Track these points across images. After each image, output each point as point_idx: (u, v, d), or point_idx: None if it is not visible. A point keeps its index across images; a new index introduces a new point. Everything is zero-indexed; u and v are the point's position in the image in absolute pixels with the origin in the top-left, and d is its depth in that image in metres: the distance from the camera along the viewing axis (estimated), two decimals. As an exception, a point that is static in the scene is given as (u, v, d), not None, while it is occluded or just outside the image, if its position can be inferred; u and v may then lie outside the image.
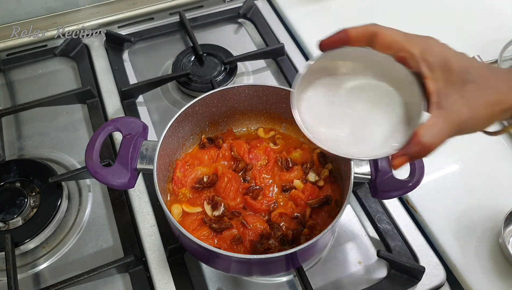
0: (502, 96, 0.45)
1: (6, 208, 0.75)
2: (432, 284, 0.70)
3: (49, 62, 1.02)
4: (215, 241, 0.66)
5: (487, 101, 0.45)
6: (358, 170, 0.63)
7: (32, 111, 0.90)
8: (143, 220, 0.75)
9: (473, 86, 0.44)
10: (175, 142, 0.72)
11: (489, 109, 0.45)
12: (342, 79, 0.52)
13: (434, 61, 0.45)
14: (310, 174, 0.73)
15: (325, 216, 0.69)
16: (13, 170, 0.79)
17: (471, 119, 0.45)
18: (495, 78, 0.45)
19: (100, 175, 0.61)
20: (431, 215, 0.77)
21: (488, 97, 0.44)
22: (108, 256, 0.73)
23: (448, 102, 0.44)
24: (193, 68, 0.98)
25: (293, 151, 0.76)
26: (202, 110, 0.73)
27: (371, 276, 0.72)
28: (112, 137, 0.87)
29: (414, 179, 0.62)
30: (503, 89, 0.45)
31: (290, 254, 0.56)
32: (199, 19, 1.10)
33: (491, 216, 0.76)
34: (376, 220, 0.76)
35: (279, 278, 0.72)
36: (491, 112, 0.45)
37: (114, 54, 1.02)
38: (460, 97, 0.44)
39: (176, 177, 0.72)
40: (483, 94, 0.44)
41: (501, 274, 0.71)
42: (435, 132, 0.44)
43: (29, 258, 0.74)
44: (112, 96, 0.93)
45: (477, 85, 0.44)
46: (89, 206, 0.79)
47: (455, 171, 0.83)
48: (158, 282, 0.69)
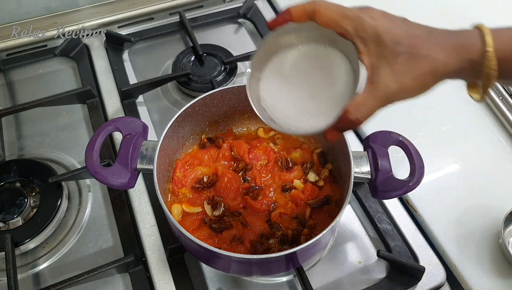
0: (436, 64, 0.45)
1: (6, 208, 0.75)
2: (432, 284, 0.70)
3: (49, 62, 1.02)
4: (215, 241, 0.66)
5: (418, 72, 0.45)
6: (358, 170, 0.63)
7: (32, 111, 0.89)
8: (143, 220, 0.75)
9: (404, 58, 0.44)
10: (175, 142, 0.72)
11: (420, 80, 0.45)
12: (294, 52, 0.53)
13: (367, 36, 0.45)
14: (310, 174, 0.73)
15: (325, 216, 0.69)
16: (13, 170, 0.79)
17: (399, 92, 0.45)
18: (430, 45, 0.45)
19: (100, 175, 0.61)
20: (431, 215, 0.77)
21: (419, 69, 0.45)
22: (108, 256, 0.73)
23: (378, 77, 0.45)
24: (193, 68, 0.98)
25: (293, 151, 0.76)
26: (202, 110, 0.73)
27: (371, 276, 0.72)
28: (112, 137, 0.87)
29: (414, 179, 0.62)
30: (438, 56, 0.44)
31: (290, 254, 0.56)
32: (199, 19, 1.10)
33: (491, 216, 0.76)
34: (376, 220, 0.76)
35: (279, 278, 0.72)
36: (422, 83, 0.46)
37: (114, 54, 1.02)
38: (390, 70, 0.45)
39: (176, 177, 0.72)
40: (414, 65, 0.45)
41: (501, 274, 0.71)
42: (363, 110, 0.46)
43: (29, 258, 0.74)
44: (112, 96, 0.93)
45: (408, 56, 0.44)
46: (89, 206, 0.79)
47: (455, 171, 0.83)
48: (158, 282, 0.69)
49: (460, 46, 0.45)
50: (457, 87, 0.96)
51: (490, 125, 0.90)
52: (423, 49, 0.44)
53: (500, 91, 0.91)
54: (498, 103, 0.90)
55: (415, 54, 0.44)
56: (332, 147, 0.73)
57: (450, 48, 0.45)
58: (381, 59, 0.45)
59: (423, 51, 0.44)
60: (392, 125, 0.69)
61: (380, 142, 0.65)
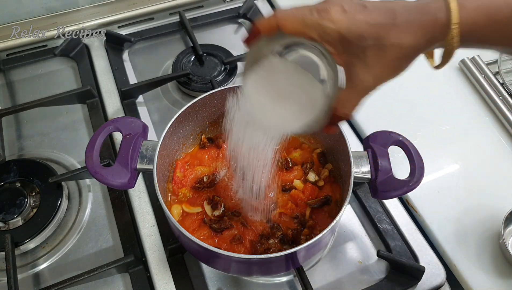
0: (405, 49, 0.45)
1: (6, 208, 0.75)
2: (432, 284, 0.70)
3: (49, 62, 1.02)
4: (215, 241, 0.66)
5: (389, 61, 0.45)
6: (358, 170, 0.63)
7: (32, 111, 0.89)
8: (143, 220, 0.75)
9: (372, 50, 0.45)
10: (175, 142, 0.72)
11: (392, 66, 0.46)
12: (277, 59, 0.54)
13: (332, 39, 0.45)
14: (310, 174, 0.73)
15: (325, 216, 0.69)
16: (13, 170, 0.79)
17: (376, 81, 0.47)
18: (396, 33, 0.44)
19: (100, 175, 0.61)
20: (431, 215, 0.77)
21: (389, 58, 0.45)
22: (108, 256, 0.73)
23: (353, 73, 0.47)
24: (193, 68, 0.98)
25: (293, 151, 0.76)
26: (202, 110, 0.73)
27: (371, 276, 0.72)
28: (112, 137, 0.87)
29: (414, 179, 0.62)
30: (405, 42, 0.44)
31: (290, 254, 0.56)
32: (199, 19, 1.10)
33: (491, 216, 0.76)
34: (376, 220, 0.76)
35: (279, 278, 0.72)
36: (395, 68, 0.46)
37: (114, 54, 1.02)
38: (363, 65, 0.46)
39: (176, 177, 0.72)
40: (383, 55, 0.45)
41: (501, 274, 0.71)
42: (347, 105, 0.49)
43: (29, 258, 0.74)
44: (112, 96, 0.93)
45: (376, 48, 0.45)
46: (89, 206, 0.79)
47: (455, 171, 0.83)
48: (158, 282, 0.69)
49: (426, 24, 0.44)
50: (457, 87, 0.96)
51: (490, 125, 0.90)
52: (389, 38, 0.44)
53: (500, 91, 0.91)
54: (498, 103, 0.90)
55: (382, 45, 0.44)
56: (332, 147, 0.73)
57: (416, 29, 0.44)
58: (352, 56, 0.46)
59: (389, 40, 0.44)
60: (392, 125, 0.69)
61: (380, 142, 0.65)
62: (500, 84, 0.92)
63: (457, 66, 0.99)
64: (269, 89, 0.55)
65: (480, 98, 0.94)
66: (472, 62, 0.97)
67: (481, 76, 0.94)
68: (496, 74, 0.94)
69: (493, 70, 0.95)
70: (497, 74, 0.94)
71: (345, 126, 0.88)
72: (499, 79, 0.93)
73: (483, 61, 0.96)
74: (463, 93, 0.95)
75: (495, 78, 0.93)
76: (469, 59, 0.97)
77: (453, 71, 0.98)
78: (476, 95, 0.94)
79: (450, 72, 0.98)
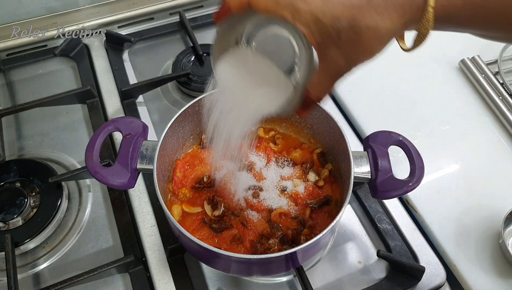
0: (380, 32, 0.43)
1: (6, 208, 0.75)
2: (432, 284, 0.70)
3: (49, 62, 1.02)
4: (215, 241, 0.66)
5: (363, 44, 0.44)
6: (358, 170, 0.63)
7: (32, 111, 0.90)
8: (143, 220, 0.75)
9: (347, 33, 0.43)
10: (175, 142, 0.72)
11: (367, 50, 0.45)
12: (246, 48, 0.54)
13: (305, 21, 0.44)
14: (310, 174, 0.73)
15: (325, 216, 0.69)
16: (13, 170, 0.79)
17: (350, 64, 0.46)
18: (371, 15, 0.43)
19: (100, 175, 0.61)
20: (431, 215, 0.77)
21: (364, 41, 0.44)
22: (108, 256, 0.73)
23: (327, 56, 0.46)
24: (193, 68, 0.98)
25: (293, 151, 0.76)
26: (202, 110, 0.73)
27: (371, 276, 0.72)
28: (112, 137, 0.87)
29: (414, 179, 0.62)
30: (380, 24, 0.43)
31: (290, 254, 0.56)
32: (199, 19, 1.10)
33: (491, 216, 0.76)
34: (376, 220, 0.76)
35: (279, 278, 0.72)
36: (370, 51, 0.45)
37: (114, 54, 1.02)
38: (336, 48, 0.44)
39: (176, 177, 0.72)
40: (358, 38, 0.43)
41: (501, 274, 0.71)
42: (320, 88, 0.49)
43: (29, 258, 0.74)
44: (112, 96, 0.93)
45: (351, 30, 0.43)
46: (89, 206, 0.79)
47: (455, 171, 0.83)
48: (158, 282, 0.69)
49: (402, 7, 0.43)
50: (457, 87, 0.96)
51: (490, 125, 0.90)
52: (364, 20, 0.43)
53: (500, 91, 0.91)
54: (498, 103, 0.90)
55: (357, 27, 0.43)
56: (332, 147, 0.73)
57: (391, 12, 0.43)
58: (325, 37, 0.44)
59: (364, 22, 0.43)
60: (392, 125, 0.69)
61: (380, 142, 0.65)
62: (500, 84, 0.92)
63: (457, 66, 0.99)
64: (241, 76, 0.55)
65: (480, 98, 0.94)
66: (472, 62, 0.97)
67: (481, 76, 0.94)
68: (496, 74, 0.94)
69: (493, 70, 0.95)
70: (497, 74, 0.94)
71: (345, 126, 0.88)
72: (499, 79, 0.93)
73: (483, 61, 0.96)
74: (463, 93, 0.95)
75: (495, 78, 0.93)
76: (469, 59, 0.97)
77: (453, 71, 0.98)
78: (476, 95, 0.94)
79: (450, 72, 0.98)
